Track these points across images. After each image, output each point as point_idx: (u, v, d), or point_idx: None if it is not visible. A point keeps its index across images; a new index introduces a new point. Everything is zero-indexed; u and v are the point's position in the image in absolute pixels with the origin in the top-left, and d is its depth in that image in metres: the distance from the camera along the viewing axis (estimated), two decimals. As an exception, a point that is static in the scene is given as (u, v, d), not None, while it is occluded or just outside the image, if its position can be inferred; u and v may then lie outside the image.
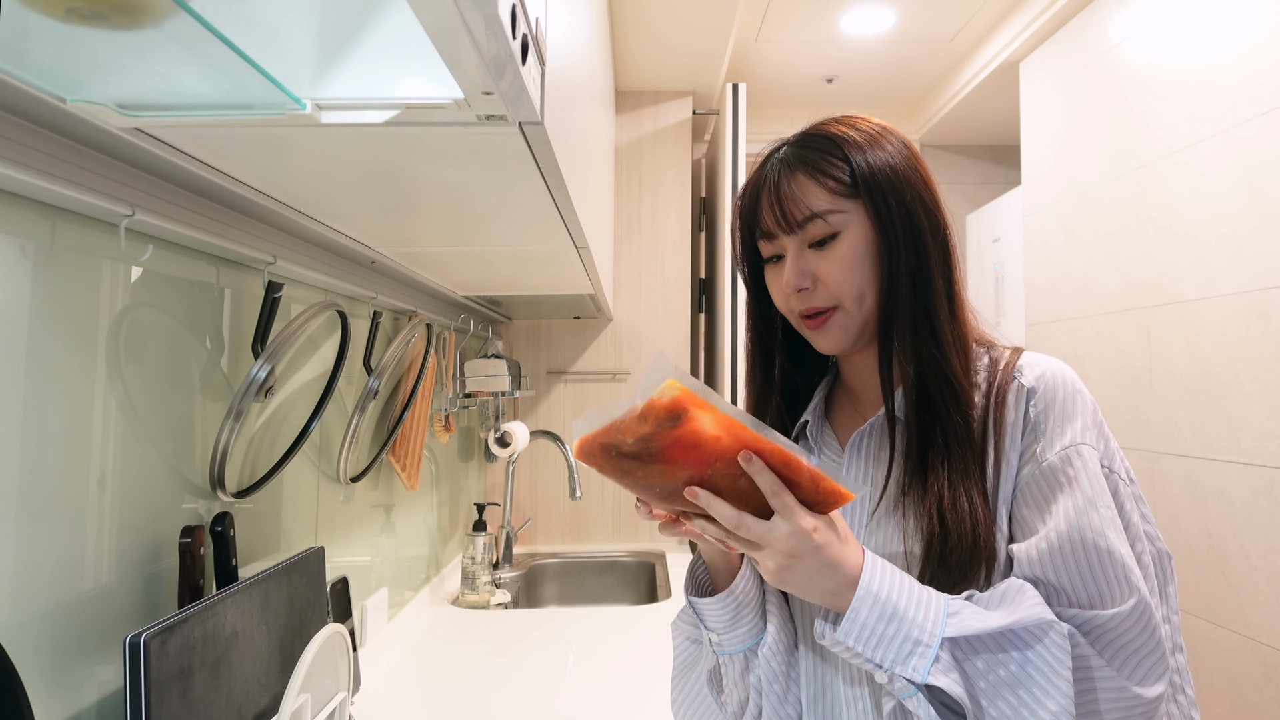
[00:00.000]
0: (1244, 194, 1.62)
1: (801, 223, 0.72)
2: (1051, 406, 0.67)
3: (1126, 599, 0.61)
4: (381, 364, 1.38)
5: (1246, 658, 1.61)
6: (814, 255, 0.73)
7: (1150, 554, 0.66)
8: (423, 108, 0.61)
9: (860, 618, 0.60)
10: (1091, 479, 0.64)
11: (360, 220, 1.04)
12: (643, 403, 0.57)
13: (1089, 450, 0.65)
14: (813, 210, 0.71)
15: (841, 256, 0.71)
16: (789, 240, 0.73)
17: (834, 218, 0.71)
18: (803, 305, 0.74)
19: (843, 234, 0.71)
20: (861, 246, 0.71)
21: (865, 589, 0.61)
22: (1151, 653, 0.61)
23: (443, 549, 2.06)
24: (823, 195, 0.71)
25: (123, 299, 0.78)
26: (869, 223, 0.72)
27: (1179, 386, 1.81)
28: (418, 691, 1.35)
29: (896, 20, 2.52)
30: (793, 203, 0.72)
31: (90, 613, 0.73)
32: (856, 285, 0.72)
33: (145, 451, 0.81)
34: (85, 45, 0.50)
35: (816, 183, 0.72)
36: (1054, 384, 0.68)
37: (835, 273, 0.71)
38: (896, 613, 0.60)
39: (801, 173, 0.72)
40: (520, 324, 2.55)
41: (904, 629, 0.59)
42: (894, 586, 0.61)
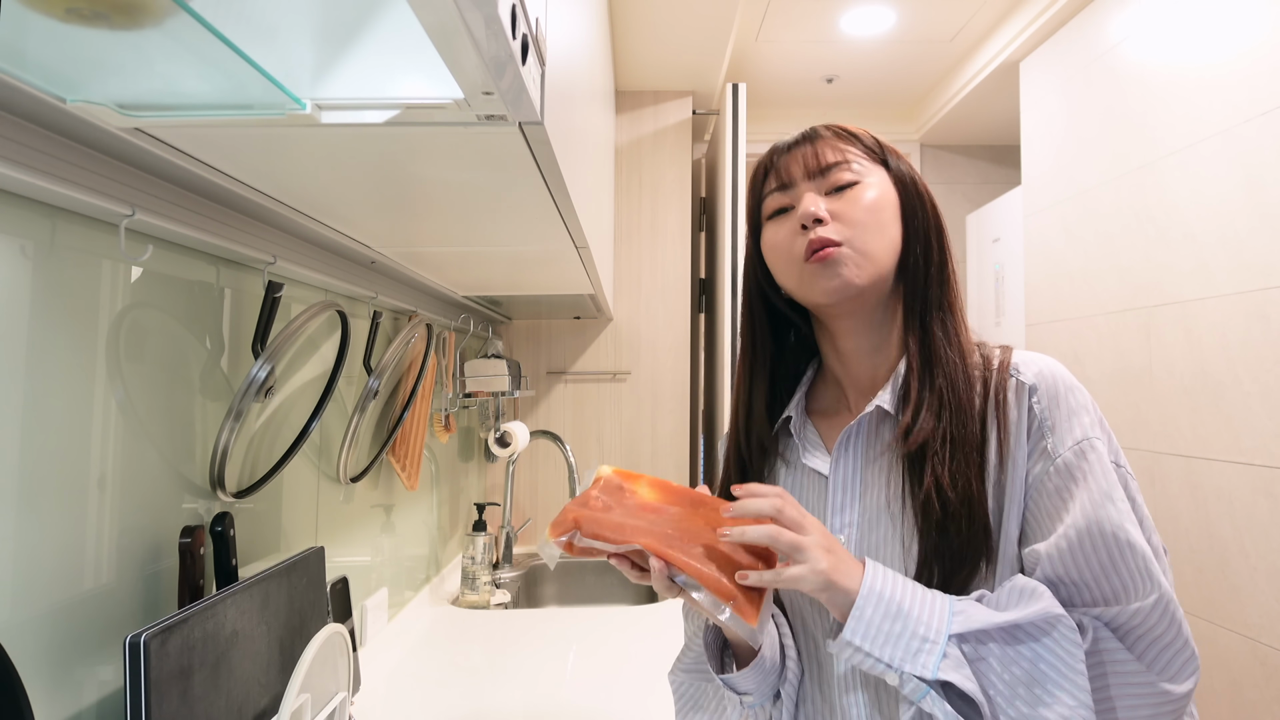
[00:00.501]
0: (1244, 194, 1.62)
1: (825, 168, 0.73)
2: (1056, 403, 0.68)
3: (1150, 593, 0.61)
4: (381, 364, 1.38)
5: (1246, 658, 1.61)
6: (832, 199, 0.73)
7: (1158, 548, 0.67)
8: (423, 108, 0.61)
9: (865, 616, 0.60)
10: (1105, 472, 0.65)
11: (360, 220, 1.04)
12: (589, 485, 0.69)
13: (1100, 444, 0.66)
14: (844, 156, 0.74)
15: (861, 198, 0.73)
16: (807, 186, 0.74)
17: (859, 166, 0.74)
18: (814, 234, 0.72)
19: (864, 182, 0.73)
20: (883, 198, 0.73)
21: (869, 588, 0.61)
22: (1179, 647, 0.62)
23: (443, 549, 2.06)
24: (852, 151, 0.75)
25: (123, 299, 0.78)
26: (892, 187, 0.75)
27: (1179, 386, 1.81)
28: (418, 691, 1.35)
29: (896, 20, 2.52)
30: (822, 150, 0.74)
31: (90, 613, 0.73)
32: (874, 228, 0.72)
33: (145, 451, 0.81)
34: (85, 45, 0.50)
35: (846, 142, 0.75)
36: (1054, 381, 0.69)
37: (853, 211, 0.72)
38: (901, 610, 0.60)
39: (831, 135, 0.76)
40: (520, 324, 2.55)
41: (910, 626, 0.60)
42: (897, 587, 0.62)
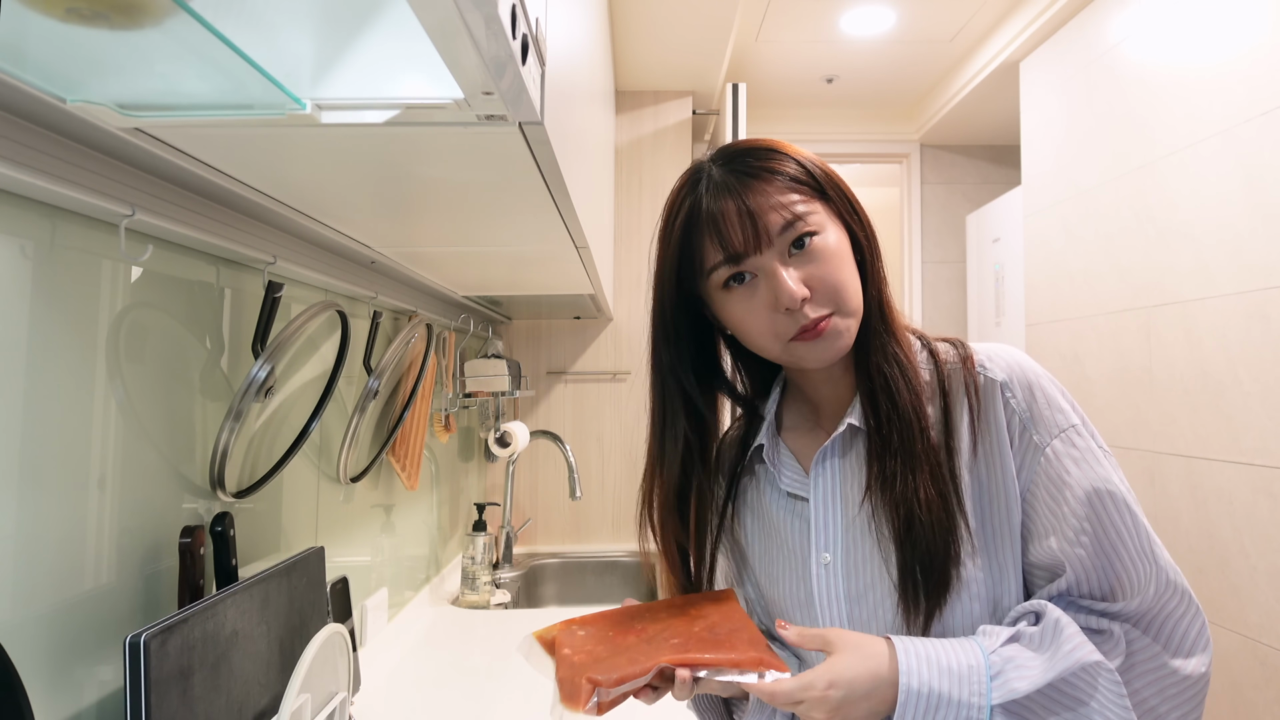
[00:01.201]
0: (1244, 194, 1.62)
1: (782, 229, 0.66)
2: (1032, 395, 0.68)
3: (1156, 573, 0.63)
4: (381, 364, 1.38)
5: (1246, 658, 1.61)
6: (797, 262, 0.67)
7: None
8: (423, 108, 0.61)
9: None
10: (1102, 455, 0.66)
11: (360, 220, 1.04)
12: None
13: (1085, 427, 0.67)
14: (794, 213, 0.67)
15: (828, 255, 0.67)
16: (765, 257, 0.67)
17: (813, 218, 0.67)
18: (805, 321, 0.67)
19: (821, 233, 0.68)
20: (837, 243, 0.69)
21: (905, 690, 0.60)
22: (1190, 615, 0.63)
23: (443, 549, 2.06)
24: (795, 196, 0.67)
25: (123, 299, 0.78)
26: (837, 221, 0.70)
27: (1179, 386, 1.81)
28: (418, 691, 1.35)
29: (896, 20, 2.52)
30: (767, 211, 0.66)
31: (90, 613, 0.73)
32: (848, 284, 0.68)
33: (145, 451, 0.81)
34: (85, 45, 0.50)
35: (783, 185, 0.67)
36: (1024, 373, 0.69)
37: (827, 272, 0.67)
38: (942, 700, 0.60)
39: (759, 181, 0.67)
40: (520, 324, 2.55)
41: (953, 712, 0.59)
42: (932, 673, 0.61)
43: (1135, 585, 0.63)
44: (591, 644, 0.66)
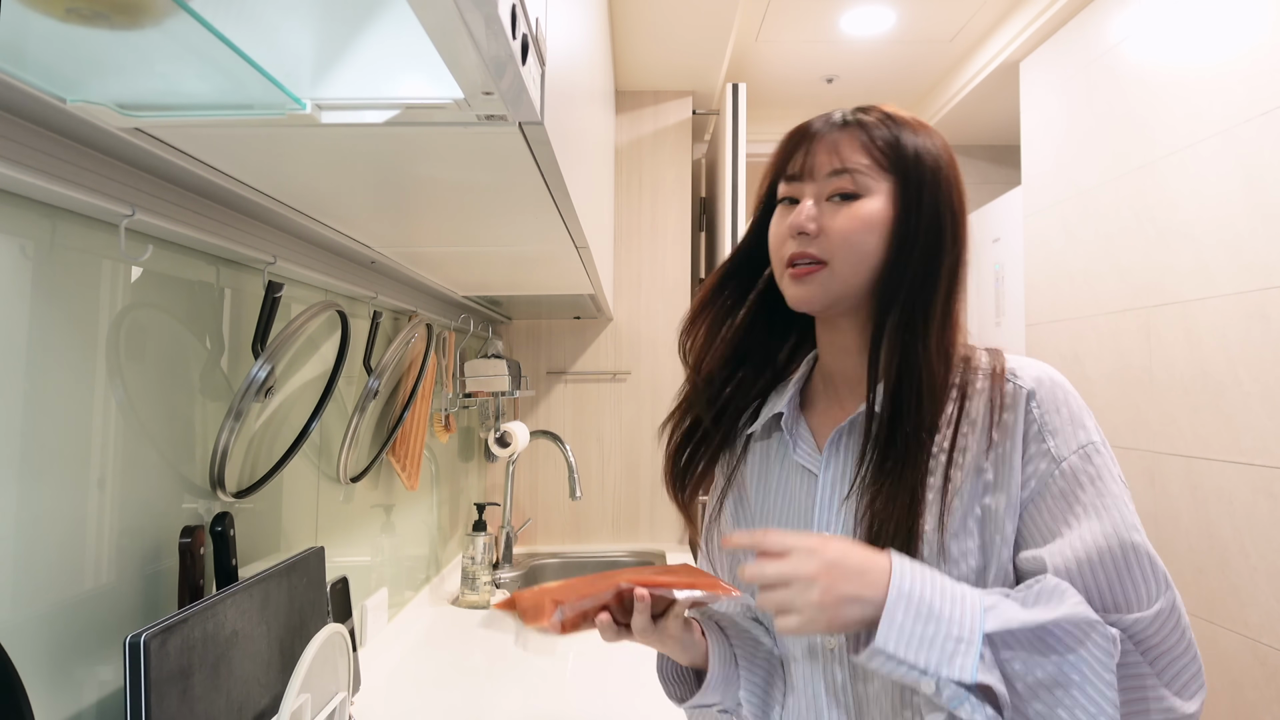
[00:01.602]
0: (1244, 194, 1.62)
1: (829, 174, 0.71)
2: (1056, 407, 0.67)
3: (1158, 597, 0.61)
4: (381, 364, 1.38)
5: (1246, 658, 1.61)
6: (829, 208, 0.72)
7: None
8: (423, 108, 0.61)
9: (896, 620, 0.57)
10: (1115, 477, 0.65)
11: (360, 220, 1.04)
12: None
13: (1104, 449, 0.66)
14: (845, 165, 0.71)
15: (855, 215, 0.70)
16: (809, 186, 0.73)
17: (861, 179, 0.71)
18: (798, 248, 0.72)
19: (864, 199, 0.71)
20: (877, 218, 0.71)
21: (896, 589, 0.58)
22: (1187, 658, 0.61)
23: (443, 549, 2.06)
24: (860, 157, 0.71)
25: (123, 299, 0.78)
26: (893, 203, 0.71)
27: (1179, 386, 1.81)
28: (418, 691, 1.35)
29: (896, 20, 2.52)
30: (829, 152, 0.72)
31: (90, 613, 0.73)
32: (857, 250, 0.70)
33: (145, 451, 0.81)
34: (85, 45, 0.50)
35: (860, 144, 0.72)
36: (1053, 386, 0.68)
37: (842, 228, 0.70)
38: (933, 613, 0.58)
39: (850, 132, 0.72)
40: (520, 324, 2.55)
41: (944, 628, 0.57)
42: (926, 585, 0.59)
43: (1132, 604, 0.62)
44: (550, 587, 0.69)
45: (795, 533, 0.64)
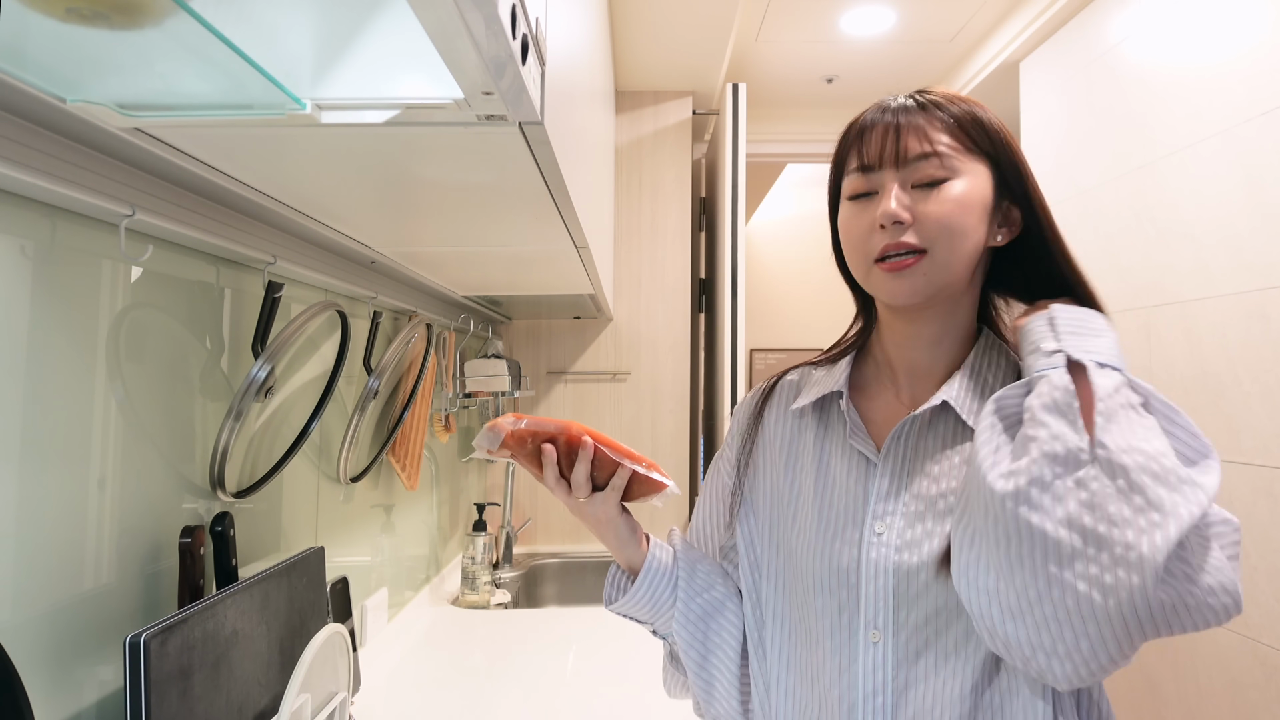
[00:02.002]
0: (1244, 194, 1.62)
1: (914, 158, 0.67)
2: None
3: None
4: (381, 364, 1.38)
5: (1246, 658, 1.61)
6: (917, 195, 0.68)
7: None
8: (423, 108, 0.61)
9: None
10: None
11: (360, 220, 1.04)
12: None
13: None
14: (933, 148, 0.67)
15: (951, 197, 0.67)
16: (889, 175, 0.68)
17: (951, 162, 0.67)
18: (890, 239, 0.68)
19: (954, 180, 0.67)
20: (975, 195, 0.68)
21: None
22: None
23: (443, 549, 2.06)
24: (946, 139, 0.68)
25: (123, 299, 0.78)
26: (989, 181, 0.69)
27: (1179, 386, 1.81)
28: (418, 691, 1.35)
29: (896, 20, 2.52)
30: (912, 134, 0.68)
31: (90, 613, 0.73)
32: (958, 235, 0.67)
33: (145, 451, 0.81)
34: (85, 45, 0.50)
35: (943, 125, 0.68)
36: None
37: (940, 212, 0.67)
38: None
39: (929, 115, 0.69)
40: (520, 324, 2.55)
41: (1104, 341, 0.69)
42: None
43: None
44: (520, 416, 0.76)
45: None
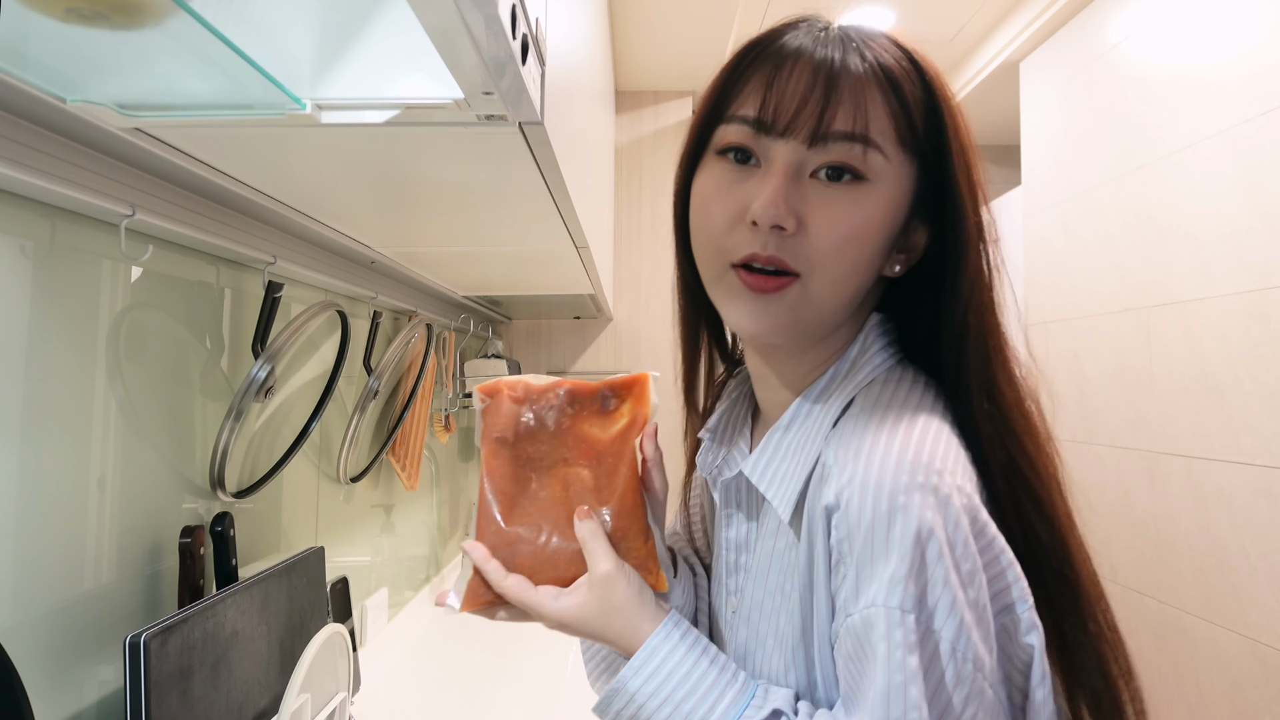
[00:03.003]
0: (1244, 194, 1.62)
1: (833, 134, 0.49)
2: (854, 536, 0.45)
3: None
4: (381, 364, 1.38)
5: (1246, 658, 1.61)
6: (817, 190, 0.50)
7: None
8: (423, 108, 0.61)
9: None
10: (886, 661, 0.43)
11: (360, 220, 1.04)
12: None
13: (895, 614, 0.43)
14: (866, 129, 0.49)
15: (856, 212, 0.50)
16: (786, 147, 0.50)
17: (875, 159, 0.50)
18: (758, 246, 0.50)
19: (872, 185, 0.50)
20: (889, 214, 0.51)
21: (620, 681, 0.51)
22: None
23: (443, 549, 2.06)
24: (884, 122, 0.50)
25: (123, 299, 0.78)
26: (909, 193, 0.52)
27: (1179, 386, 1.81)
28: (418, 692, 1.35)
29: (896, 20, 2.52)
30: (846, 100, 0.49)
31: (90, 613, 0.73)
32: (852, 261, 0.50)
33: (145, 451, 0.81)
34: (85, 45, 0.50)
35: (886, 102, 0.50)
36: (859, 501, 0.45)
37: (841, 228, 0.49)
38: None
39: (874, 79, 0.50)
40: (520, 324, 2.55)
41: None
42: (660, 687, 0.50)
43: None
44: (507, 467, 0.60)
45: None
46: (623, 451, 0.58)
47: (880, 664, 0.43)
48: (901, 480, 0.44)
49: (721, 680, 0.50)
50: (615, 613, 0.52)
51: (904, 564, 0.43)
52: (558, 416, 0.60)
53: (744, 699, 0.49)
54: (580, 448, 0.59)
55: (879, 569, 0.44)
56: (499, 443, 0.59)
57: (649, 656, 0.51)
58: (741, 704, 0.49)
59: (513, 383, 0.60)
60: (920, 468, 0.45)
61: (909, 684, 0.42)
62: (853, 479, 0.46)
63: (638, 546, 0.56)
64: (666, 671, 0.50)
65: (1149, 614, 1.89)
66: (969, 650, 0.43)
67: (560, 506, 0.58)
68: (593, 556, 0.54)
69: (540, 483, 0.59)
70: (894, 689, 0.42)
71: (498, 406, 0.60)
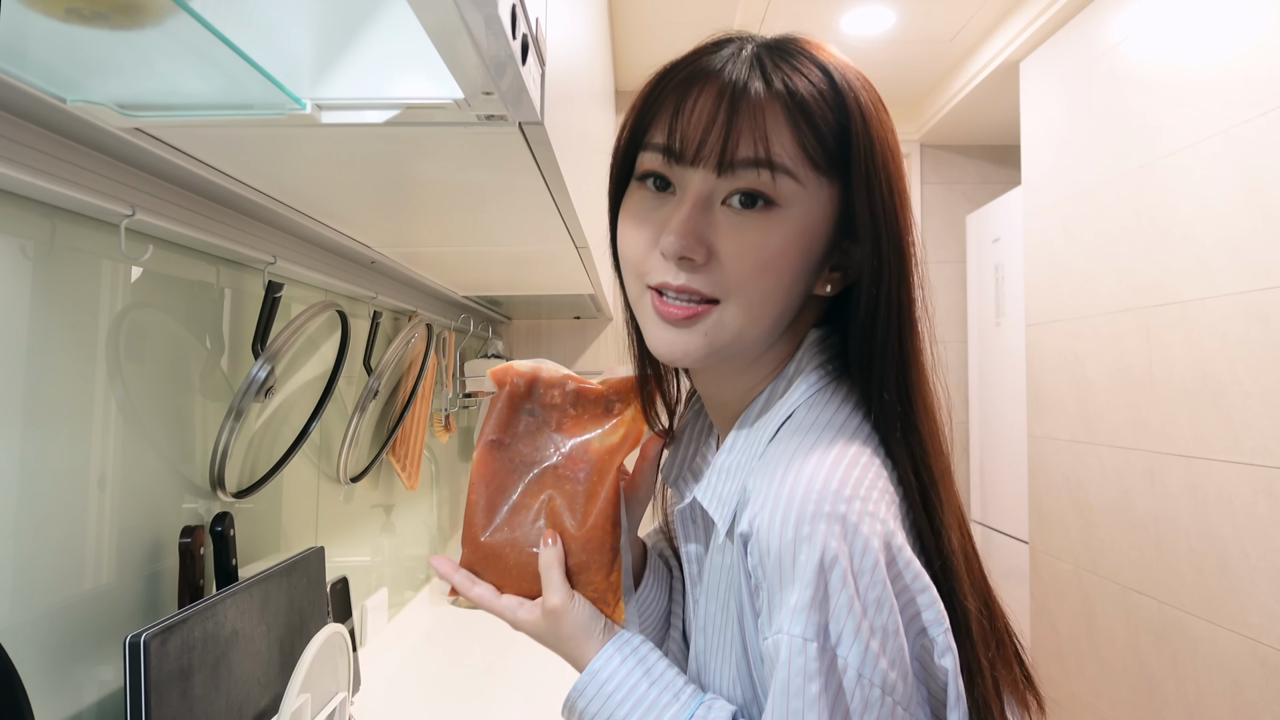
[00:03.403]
0: (1244, 194, 1.62)
1: (738, 162, 0.49)
2: (765, 563, 0.46)
3: None
4: (381, 364, 1.38)
5: (1246, 658, 1.61)
6: (728, 218, 0.50)
7: None
8: (423, 108, 0.61)
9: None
10: (785, 688, 0.44)
11: (360, 220, 1.04)
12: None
13: (797, 642, 0.44)
14: (769, 154, 0.49)
15: (770, 240, 0.50)
16: (697, 175, 0.50)
17: (785, 184, 0.49)
18: (670, 277, 0.51)
19: (782, 209, 0.50)
20: (805, 238, 0.51)
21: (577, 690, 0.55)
22: None
23: (443, 549, 2.06)
24: (791, 147, 0.49)
25: (123, 299, 0.78)
26: (831, 213, 0.52)
27: (1179, 387, 1.81)
28: (418, 692, 1.35)
29: (896, 20, 2.52)
30: (747, 127, 0.49)
31: (90, 613, 0.73)
32: (767, 287, 0.51)
33: (145, 451, 0.81)
34: (85, 45, 0.50)
35: (793, 126, 0.49)
36: (767, 530, 0.46)
37: (752, 255, 0.50)
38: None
39: (780, 102, 0.49)
40: (520, 324, 2.55)
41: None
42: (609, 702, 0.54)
43: None
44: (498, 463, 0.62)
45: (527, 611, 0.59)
46: (608, 469, 0.59)
47: (780, 690, 0.44)
48: (808, 510, 0.45)
49: (662, 699, 0.53)
50: (562, 640, 0.57)
51: (807, 592, 0.44)
52: (559, 418, 0.61)
53: (683, 716, 0.51)
54: (571, 456, 0.60)
55: (786, 596, 0.45)
56: (492, 446, 0.61)
57: (590, 679, 0.55)
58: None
59: (523, 371, 0.62)
60: (829, 496, 0.45)
61: (806, 710, 0.43)
62: (764, 506, 0.47)
63: (599, 580, 0.58)
64: (608, 693, 0.54)
65: (1149, 614, 1.89)
66: (875, 676, 0.44)
67: (535, 521, 0.60)
68: (547, 587, 0.57)
69: (524, 490, 0.61)
70: (791, 714, 0.44)
71: (499, 403, 0.61)
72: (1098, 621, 2.08)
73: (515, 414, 0.61)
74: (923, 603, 0.47)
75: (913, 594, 0.46)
